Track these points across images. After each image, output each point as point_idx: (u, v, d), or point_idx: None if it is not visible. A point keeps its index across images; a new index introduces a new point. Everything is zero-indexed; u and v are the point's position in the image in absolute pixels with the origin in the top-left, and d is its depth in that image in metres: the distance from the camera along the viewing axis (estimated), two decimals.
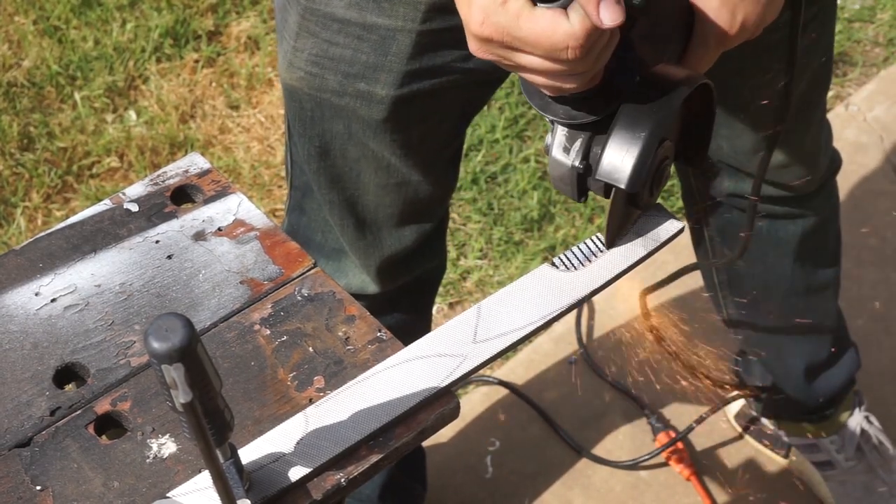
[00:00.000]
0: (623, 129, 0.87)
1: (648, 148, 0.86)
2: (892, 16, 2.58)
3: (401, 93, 1.25)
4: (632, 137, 0.87)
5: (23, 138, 2.34)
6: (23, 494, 0.83)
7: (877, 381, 1.99)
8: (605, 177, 0.88)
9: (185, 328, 0.66)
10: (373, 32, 1.21)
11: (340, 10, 1.21)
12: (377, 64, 1.23)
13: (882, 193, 2.25)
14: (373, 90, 1.25)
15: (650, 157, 0.87)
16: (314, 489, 0.83)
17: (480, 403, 1.98)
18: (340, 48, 1.24)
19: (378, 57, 1.23)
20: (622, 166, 0.87)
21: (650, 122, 0.86)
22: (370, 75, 1.24)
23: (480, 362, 0.89)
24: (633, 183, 0.87)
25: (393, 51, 1.22)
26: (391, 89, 1.24)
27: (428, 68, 1.23)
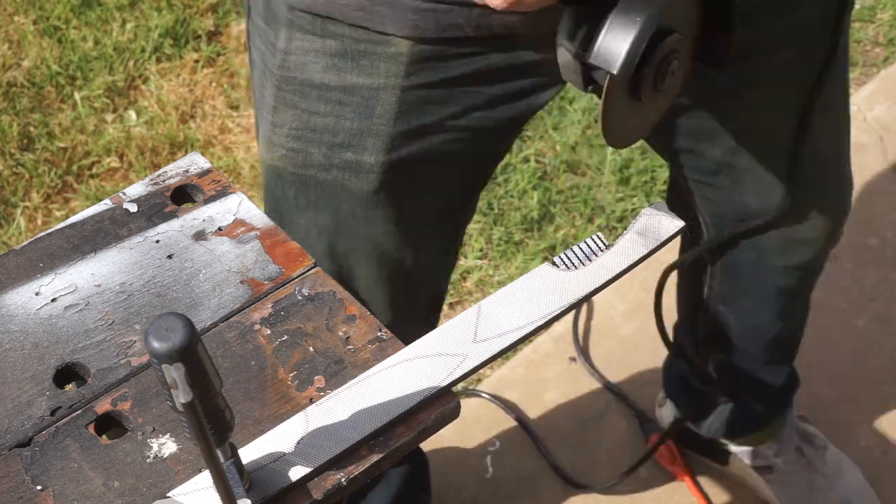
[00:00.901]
0: (620, 13, 0.84)
1: (644, 32, 0.83)
2: (892, 16, 2.58)
3: (391, 158, 1.17)
4: (628, 21, 0.84)
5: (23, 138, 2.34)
6: (23, 494, 0.83)
7: (877, 381, 1.99)
8: (597, 61, 0.85)
9: (185, 328, 0.66)
10: (354, 94, 1.14)
11: (318, 74, 1.14)
12: (363, 129, 1.16)
13: (882, 194, 2.25)
14: (361, 159, 1.18)
15: (643, 42, 0.84)
16: (314, 489, 0.83)
17: (481, 403, 1.98)
18: (322, 117, 1.17)
19: (363, 121, 1.16)
20: (616, 50, 0.84)
21: (648, 7, 0.84)
22: (356, 143, 1.17)
23: (481, 362, 0.89)
24: (624, 67, 0.84)
25: (378, 112, 1.14)
26: (380, 155, 1.17)
27: (417, 129, 1.16)
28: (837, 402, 1.97)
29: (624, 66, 0.84)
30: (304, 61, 1.14)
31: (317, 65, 1.13)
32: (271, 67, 1.17)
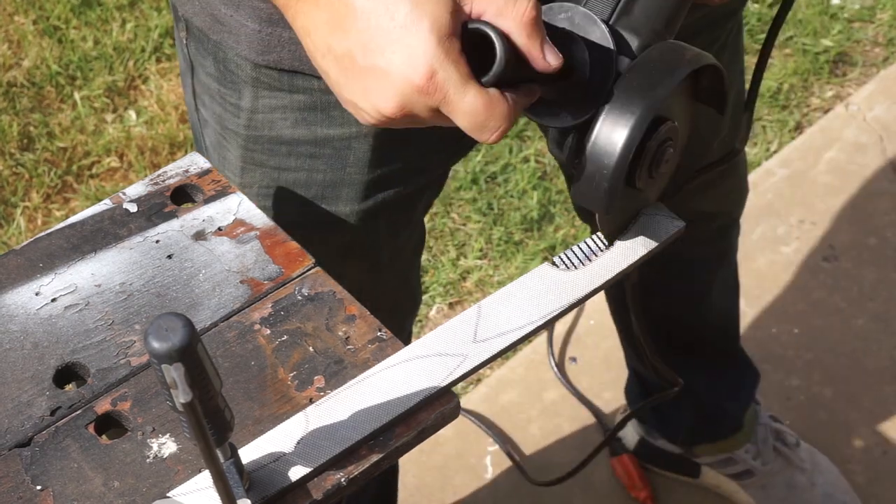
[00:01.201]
0: (605, 128, 0.84)
1: (626, 151, 0.83)
2: (892, 16, 2.58)
3: (366, 206, 1.15)
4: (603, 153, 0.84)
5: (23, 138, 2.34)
6: (23, 494, 0.83)
7: (877, 381, 1.99)
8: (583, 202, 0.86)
9: (185, 328, 0.66)
10: (326, 147, 1.11)
11: (287, 130, 1.10)
12: (335, 180, 1.13)
13: (882, 193, 2.25)
14: (335, 209, 1.15)
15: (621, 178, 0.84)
16: (314, 489, 0.83)
17: (480, 403, 1.98)
18: (293, 172, 1.13)
19: (336, 172, 1.12)
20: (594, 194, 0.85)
21: (631, 120, 0.83)
22: (330, 194, 1.14)
23: (481, 362, 0.89)
24: (607, 207, 0.85)
25: (351, 161, 1.12)
26: (355, 204, 1.14)
27: (389, 174, 1.14)
28: (837, 402, 1.97)
29: (607, 206, 0.85)
30: (271, 119, 1.11)
31: (286, 121, 1.10)
32: (234, 128, 1.13)
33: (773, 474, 1.81)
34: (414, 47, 0.79)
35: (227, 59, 1.09)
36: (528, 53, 0.81)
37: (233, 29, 1.06)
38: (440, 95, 0.80)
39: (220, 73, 1.11)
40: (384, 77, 0.81)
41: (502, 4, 0.80)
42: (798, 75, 2.46)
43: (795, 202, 2.23)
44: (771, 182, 2.27)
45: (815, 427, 1.92)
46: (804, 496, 1.81)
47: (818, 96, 2.45)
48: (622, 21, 0.87)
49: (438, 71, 0.79)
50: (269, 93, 1.09)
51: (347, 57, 0.82)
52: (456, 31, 0.80)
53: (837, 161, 2.30)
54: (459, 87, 0.80)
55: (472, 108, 0.80)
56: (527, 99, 0.85)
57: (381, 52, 0.80)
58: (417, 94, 0.80)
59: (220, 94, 1.13)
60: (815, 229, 2.19)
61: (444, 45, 0.79)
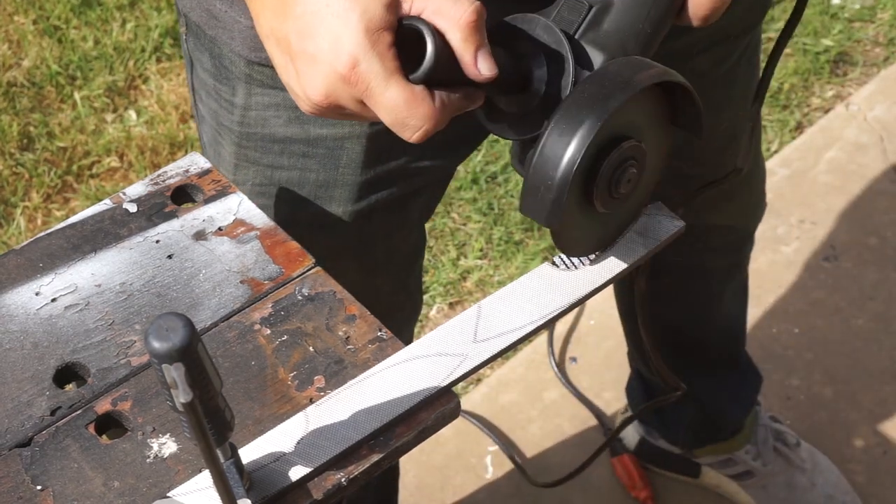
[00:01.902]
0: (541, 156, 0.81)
1: (565, 177, 0.80)
2: (892, 16, 2.58)
3: (359, 207, 1.14)
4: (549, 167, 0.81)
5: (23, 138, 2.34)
6: (23, 494, 0.83)
7: (877, 381, 1.99)
8: (527, 213, 0.83)
9: (185, 328, 0.66)
10: (319, 146, 1.10)
11: (280, 128, 1.10)
12: (328, 180, 1.12)
13: (882, 193, 2.25)
14: (328, 210, 1.14)
15: (565, 192, 0.81)
16: (315, 489, 0.83)
17: (481, 403, 1.98)
18: (286, 171, 1.13)
19: (329, 172, 1.12)
20: (539, 206, 0.82)
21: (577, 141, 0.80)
22: (323, 194, 1.14)
23: (481, 362, 0.89)
24: (549, 220, 0.82)
25: (344, 162, 1.11)
26: (348, 205, 1.14)
27: (383, 175, 1.13)
28: (837, 402, 1.97)
29: (551, 219, 0.82)
30: (264, 116, 1.11)
31: (278, 119, 1.10)
32: (228, 125, 1.14)
33: (773, 475, 1.81)
34: (341, 35, 0.79)
35: (222, 54, 1.09)
36: (461, 58, 0.81)
37: (227, 24, 1.06)
38: (363, 86, 0.80)
39: (215, 69, 1.11)
40: (313, 63, 0.81)
41: (443, 4, 0.80)
42: (798, 75, 2.46)
43: (796, 202, 2.23)
44: (771, 182, 2.26)
45: (815, 427, 1.92)
46: (805, 496, 1.81)
47: (819, 96, 2.45)
48: (588, 35, 0.85)
49: (362, 62, 0.79)
50: (262, 90, 1.09)
51: (285, 41, 0.82)
52: (388, 24, 0.80)
53: (838, 161, 2.30)
54: (382, 79, 0.79)
55: (394, 103, 0.80)
56: (464, 102, 0.83)
57: (312, 38, 0.81)
58: (341, 82, 0.80)
59: (215, 90, 1.13)
60: (815, 229, 2.19)
61: (371, 36, 0.79)
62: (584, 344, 2.05)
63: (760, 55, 1.34)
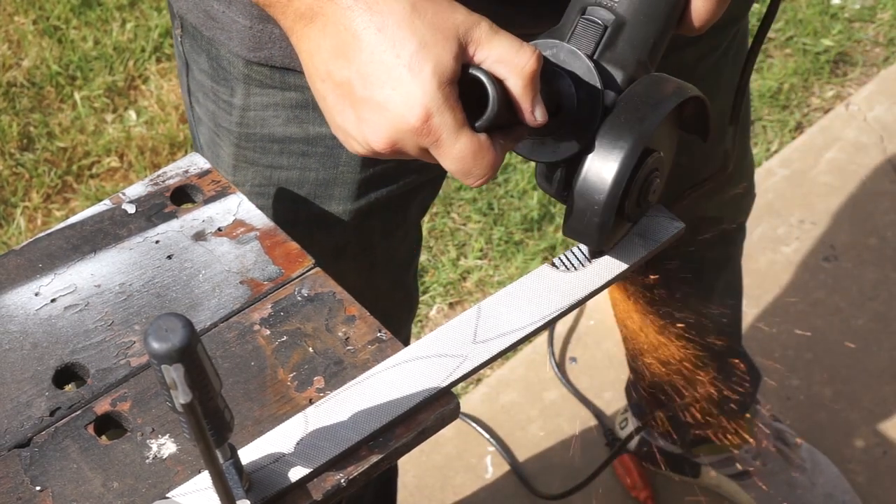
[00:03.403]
0: (585, 182, 0.85)
1: (615, 190, 0.84)
2: (892, 16, 2.58)
3: (358, 205, 1.15)
4: (595, 192, 0.85)
5: (23, 138, 2.34)
6: (22, 495, 0.83)
7: (876, 381, 1.99)
8: (573, 237, 0.87)
9: (184, 328, 0.66)
10: (318, 145, 1.11)
11: (279, 128, 1.10)
12: (328, 179, 1.13)
13: (882, 193, 2.25)
14: (328, 209, 1.15)
15: (612, 213, 0.85)
16: (314, 489, 0.83)
17: (480, 403, 1.98)
18: (285, 170, 1.13)
19: (328, 171, 1.12)
20: (585, 230, 0.86)
21: (619, 163, 0.84)
22: (322, 193, 1.14)
23: (481, 362, 0.89)
24: (598, 242, 0.87)
25: (343, 160, 1.12)
26: (348, 203, 1.14)
27: (382, 173, 1.14)
28: (837, 402, 1.97)
29: (600, 242, 0.87)
30: (263, 116, 1.11)
31: (277, 118, 1.10)
32: (226, 126, 1.14)
33: (772, 474, 1.81)
34: (414, 89, 0.80)
35: (220, 55, 1.09)
36: (521, 105, 0.82)
37: (225, 25, 1.06)
38: (433, 138, 0.81)
39: (213, 70, 1.11)
40: (380, 111, 0.81)
41: (505, 53, 0.81)
42: (798, 75, 2.46)
43: (795, 202, 2.23)
44: (771, 182, 2.27)
45: (815, 427, 1.92)
46: (804, 496, 1.81)
47: (818, 96, 2.45)
48: (606, 55, 0.88)
49: (435, 115, 0.80)
50: (261, 90, 1.09)
51: (346, 85, 0.82)
52: (457, 76, 0.81)
53: (838, 161, 2.30)
54: (452, 132, 0.81)
55: (462, 154, 0.82)
56: (514, 142, 0.86)
57: (380, 87, 0.81)
58: (411, 133, 0.81)
59: (213, 91, 1.13)
60: (815, 229, 2.19)
61: (444, 90, 0.80)
62: (584, 344, 2.05)
63: (747, 48, 1.35)
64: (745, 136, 1.47)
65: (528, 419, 1.96)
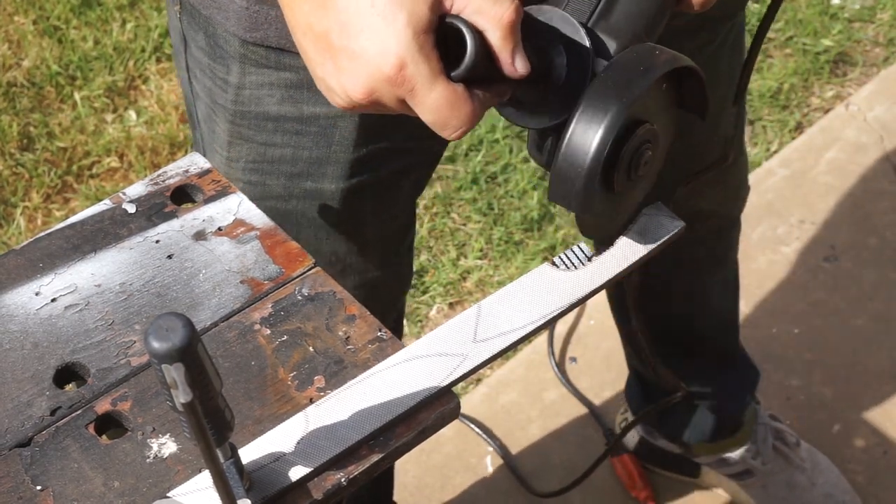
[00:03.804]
0: (573, 139, 0.84)
1: (595, 164, 0.83)
2: (892, 16, 2.58)
3: (350, 184, 1.16)
4: (578, 151, 0.83)
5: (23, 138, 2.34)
6: (23, 494, 0.83)
7: (876, 381, 1.99)
8: (555, 200, 0.85)
9: (185, 328, 0.66)
10: (312, 124, 1.12)
11: (273, 107, 1.12)
12: (321, 157, 1.14)
13: (882, 193, 2.25)
14: (320, 187, 1.16)
15: (596, 178, 0.83)
16: (315, 489, 0.83)
17: (480, 403, 1.98)
18: (279, 148, 1.14)
19: (321, 150, 1.13)
20: (568, 193, 0.84)
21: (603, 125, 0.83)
22: (315, 171, 1.15)
23: (481, 362, 0.89)
24: (582, 206, 0.85)
25: (336, 140, 1.13)
26: (340, 182, 1.15)
27: (375, 153, 1.15)
28: (837, 402, 1.97)
29: (583, 206, 0.85)
30: (258, 95, 1.12)
31: (272, 97, 1.11)
32: (222, 102, 1.15)
33: (772, 474, 1.81)
34: (388, 38, 0.80)
35: (217, 34, 1.10)
36: (499, 55, 0.82)
37: (222, 5, 1.07)
38: (408, 88, 0.81)
39: (210, 48, 1.12)
40: (356, 60, 0.81)
41: (483, 4, 0.81)
42: (798, 75, 2.46)
43: (795, 202, 2.23)
44: (771, 182, 2.27)
45: (815, 427, 1.92)
46: (804, 496, 1.81)
47: (818, 96, 2.45)
48: (601, 24, 0.87)
49: (409, 64, 0.80)
50: (257, 69, 1.10)
51: (325, 36, 0.83)
52: (432, 25, 0.81)
53: (837, 161, 2.30)
54: (427, 81, 0.80)
55: (437, 104, 0.81)
56: (495, 98, 0.85)
57: (356, 36, 0.81)
58: (386, 83, 0.81)
59: (210, 69, 1.14)
60: (815, 229, 2.19)
61: (418, 39, 0.80)
62: (584, 344, 2.05)
63: (744, 41, 1.36)
64: (741, 132, 1.47)
65: (528, 419, 1.96)
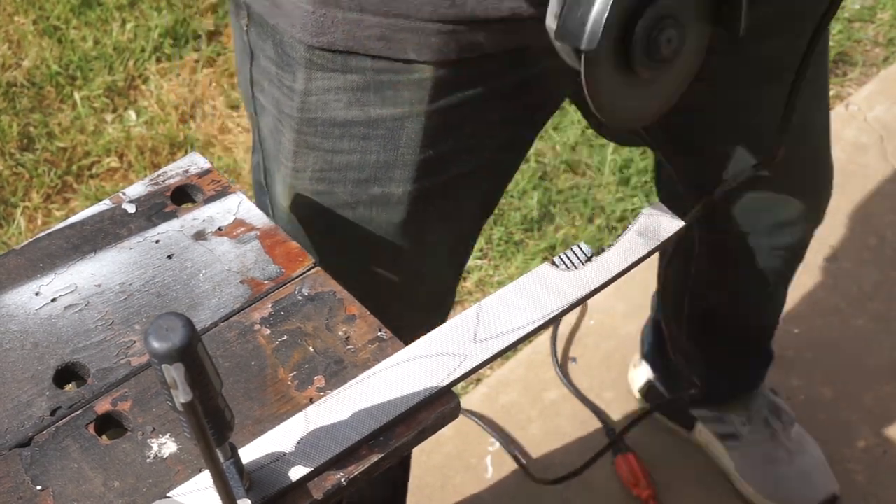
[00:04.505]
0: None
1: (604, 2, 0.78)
2: (892, 16, 2.58)
3: (418, 187, 1.16)
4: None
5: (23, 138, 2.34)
6: (23, 494, 0.83)
7: (877, 381, 1.99)
8: (563, 39, 0.79)
9: (185, 328, 0.66)
10: (379, 127, 1.13)
11: (340, 112, 1.12)
12: (389, 161, 1.15)
13: (882, 193, 2.25)
14: (388, 191, 1.16)
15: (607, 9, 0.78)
16: (315, 489, 0.83)
17: (480, 403, 1.98)
18: (346, 154, 1.15)
19: (389, 153, 1.14)
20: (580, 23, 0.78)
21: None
22: (383, 175, 1.16)
23: (481, 362, 0.89)
24: (591, 40, 0.79)
25: (404, 141, 1.13)
26: (408, 185, 1.16)
27: (442, 153, 1.15)
28: (837, 402, 1.97)
29: (592, 39, 0.78)
30: (325, 100, 1.12)
31: (339, 102, 1.12)
32: (289, 112, 1.15)
33: (755, 444, 1.85)
34: None
35: (284, 41, 1.11)
36: None
37: (288, 11, 1.09)
38: None
39: (278, 57, 1.13)
40: None
41: None
42: None
43: None
44: None
45: (815, 427, 1.92)
46: (780, 470, 1.84)
47: None
48: None
49: None
50: (323, 74, 1.11)
51: None
52: None
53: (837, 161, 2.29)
54: None
55: None
56: None
57: None
58: None
59: (277, 78, 1.15)
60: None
61: None
62: (584, 344, 2.05)
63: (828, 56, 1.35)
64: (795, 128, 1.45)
65: (528, 419, 1.96)
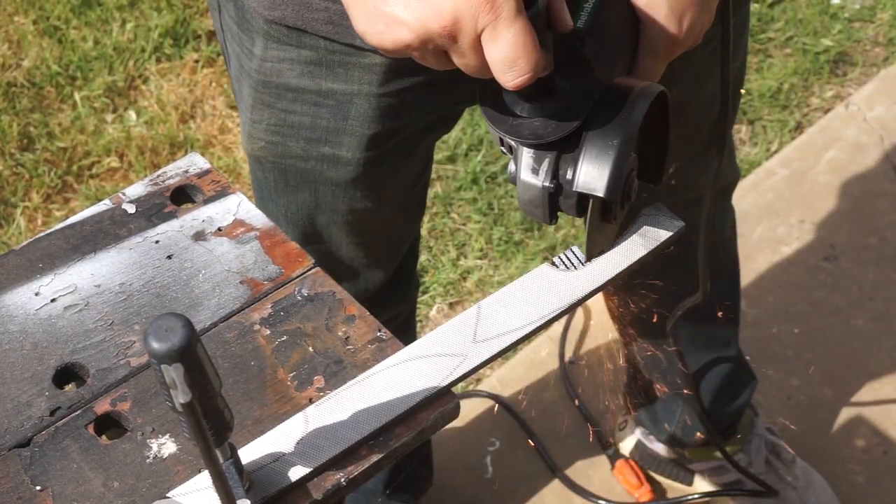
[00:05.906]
0: (595, 140, 0.86)
1: (623, 155, 0.86)
2: (892, 16, 2.58)
3: (367, 155, 1.21)
4: (605, 147, 0.86)
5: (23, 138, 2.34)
6: (23, 494, 0.83)
7: (876, 381, 1.99)
8: (582, 188, 0.86)
9: (184, 328, 0.66)
10: (329, 98, 1.17)
11: (293, 79, 1.18)
12: (338, 128, 1.19)
13: (882, 193, 2.25)
14: (338, 153, 1.22)
15: (626, 164, 0.86)
16: (314, 489, 0.83)
17: (481, 403, 1.98)
18: (298, 115, 1.20)
19: (338, 121, 1.19)
20: (599, 175, 0.86)
21: (621, 131, 0.86)
22: (333, 139, 1.20)
23: (480, 362, 0.89)
24: (611, 190, 0.86)
25: (352, 115, 1.18)
26: (357, 152, 1.21)
27: (392, 129, 1.19)
28: (837, 402, 1.97)
29: (612, 190, 0.87)
30: (279, 68, 1.17)
31: (292, 71, 1.16)
32: (248, 69, 1.21)
33: None
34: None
35: (245, 7, 1.16)
36: (555, 7, 0.83)
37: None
38: (494, 16, 0.80)
39: (239, 19, 1.18)
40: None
41: None
42: (798, 75, 2.46)
43: (795, 202, 2.23)
44: (771, 182, 2.27)
45: (815, 427, 1.92)
46: None
47: (818, 96, 2.45)
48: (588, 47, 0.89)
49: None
50: (278, 45, 1.16)
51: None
52: None
53: (837, 161, 2.30)
54: (512, 13, 0.80)
55: (514, 40, 0.80)
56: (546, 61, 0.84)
57: None
58: (473, 8, 0.80)
59: (238, 37, 1.20)
60: (814, 229, 2.19)
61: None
62: (584, 344, 2.05)
63: (748, 36, 1.38)
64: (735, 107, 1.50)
65: (528, 419, 1.96)
